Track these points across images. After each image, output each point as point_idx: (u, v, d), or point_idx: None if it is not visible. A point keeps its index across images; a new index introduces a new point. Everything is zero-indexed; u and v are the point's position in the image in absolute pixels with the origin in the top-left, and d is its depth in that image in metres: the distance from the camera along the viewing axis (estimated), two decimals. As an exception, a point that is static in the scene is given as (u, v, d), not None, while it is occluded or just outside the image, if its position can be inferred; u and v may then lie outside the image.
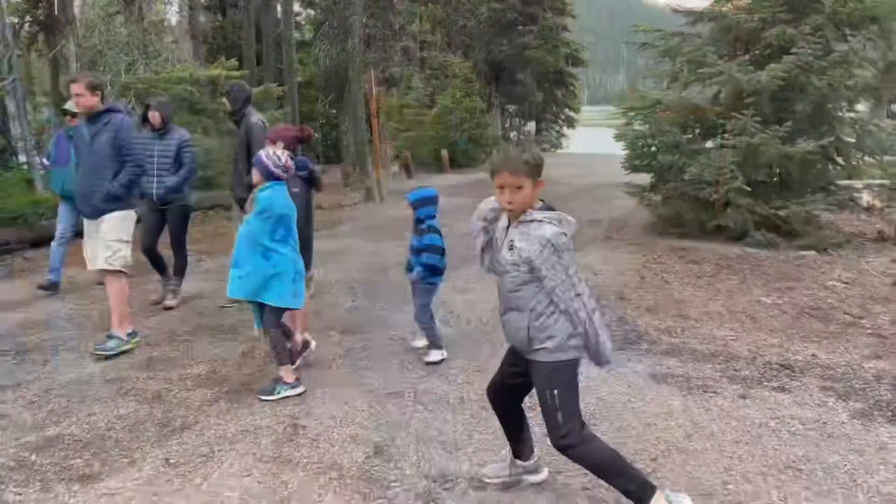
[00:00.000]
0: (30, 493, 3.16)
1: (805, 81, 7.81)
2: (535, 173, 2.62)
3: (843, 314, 5.53)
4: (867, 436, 3.48)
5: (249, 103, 5.99)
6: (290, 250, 4.18)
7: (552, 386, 2.64)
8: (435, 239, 4.64)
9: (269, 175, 4.14)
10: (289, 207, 4.18)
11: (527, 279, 2.64)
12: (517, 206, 2.62)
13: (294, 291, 4.18)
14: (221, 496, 3.07)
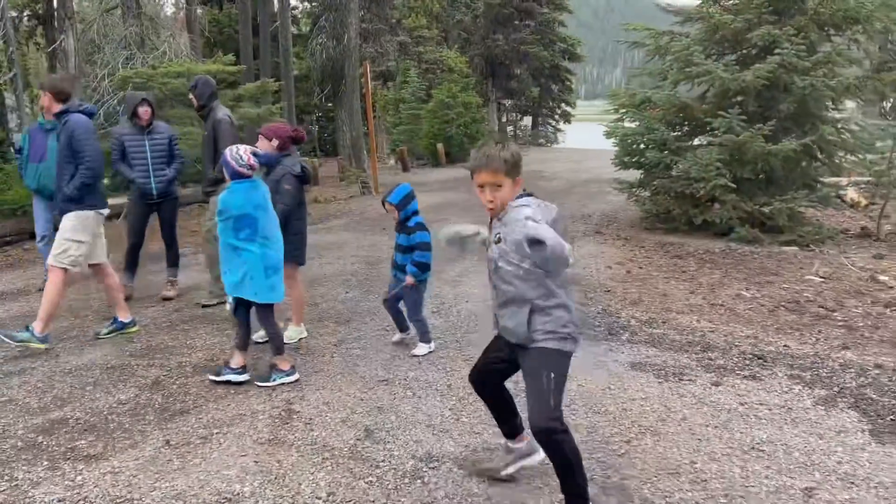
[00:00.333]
0: (38, 471, 3.34)
1: (788, 81, 8.01)
2: (514, 171, 2.65)
3: (818, 307, 5.74)
4: (828, 420, 3.69)
5: (216, 98, 5.99)
6: (259, 247, 4.22)
7: (551, 369, 2.63)
8: (425, 236, 4.69)
9: (234, 174, 4.19)
10: (249, 206, 4.20)
11: (521, 273, 2.63)
12: (497, 204, 2.65)
13: (270, 286, 4.26)
14: (219, 474, 3.27)
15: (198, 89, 5.92)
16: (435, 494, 3.05)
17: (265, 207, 4.30)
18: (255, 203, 4.23)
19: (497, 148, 2.67)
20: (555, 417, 2.62)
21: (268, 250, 4.27)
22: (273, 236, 4.34)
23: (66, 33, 9.79)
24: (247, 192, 4.21)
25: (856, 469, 3.18)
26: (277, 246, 4.37)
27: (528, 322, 2.65)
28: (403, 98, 24.80)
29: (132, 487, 3.17)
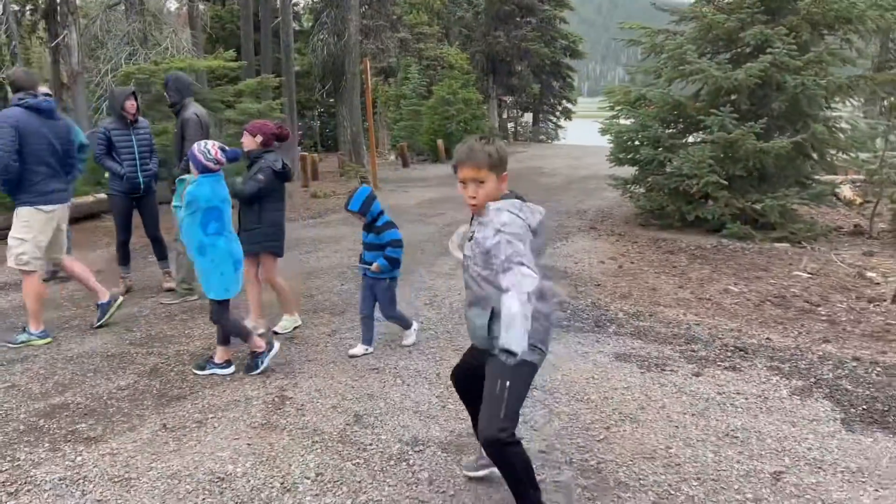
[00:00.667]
0: (39, 453, 3.48)
1: (780, 80, 8.12)
2: (498, 167, 2.55)
3: (803, 302, 5.86)
4: (803, 409, 3.81)
5: (188, 95, 6.05)
6: (226, 242, 4.25)
7: (507, 377, 2.51)
8: (395, 233, 4.72)
9: (202, 168, 4.20)
10: (217, 199, 4.21)
11: (486, 275, 2.51)
12: (480, 200, 2.54)
13: (237, 279, 4.34)
14: (213, 455, 3.40)
15: (169, 86, 6.00)
16: (419, 476, 3.18)
17: (228, 202, 4.34)
18: (221, 196, 4.26)
19: (481, 143, 2.57)
20: (504, 428, 2.50)
21: (234, 243, 4.34)
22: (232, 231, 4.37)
23: (70, 29, 9.91)
24: (213, 185, 4.23)
25: (824, 455, 3.31)
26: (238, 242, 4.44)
27: (489, 327, 2.54)
28: (404, 94, 24.90)
29: (129, 467, 3.30)
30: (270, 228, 5.02)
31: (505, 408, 2.50)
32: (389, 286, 4.80)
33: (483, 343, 2.62)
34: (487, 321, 2.54)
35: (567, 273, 7.00)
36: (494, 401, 2.52)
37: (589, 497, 2.99)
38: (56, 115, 5.15)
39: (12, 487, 3.15)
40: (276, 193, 5.06)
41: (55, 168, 5.08)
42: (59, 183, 5.14)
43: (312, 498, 3.02)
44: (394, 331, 5.24)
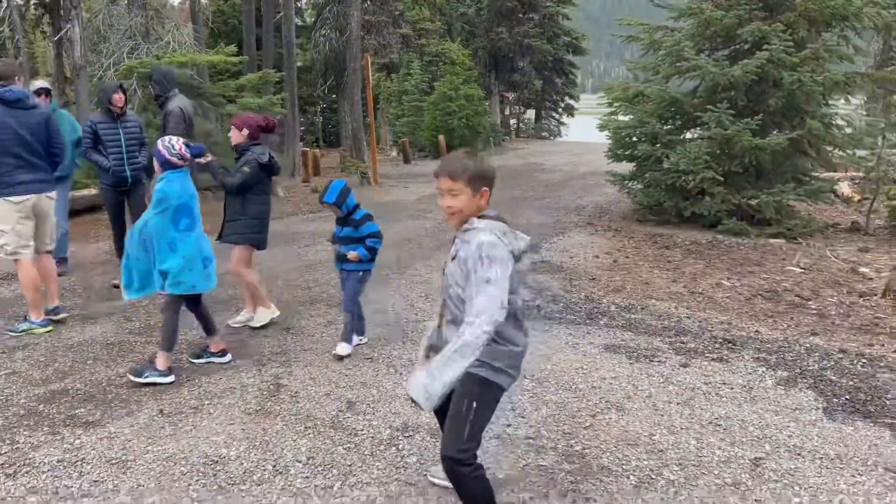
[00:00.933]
0: (39, 436, 3.57)
1: (777, 76, 8.17)
2: (474, 181, 2.44)
3: (794, 296, 5.93)
4: (787, 399, 3.89)
5: (174, 87, 6.04)
6: (196, 238, 4.22)
7: (473, 398, 2.46)
8: (374, 226, 4.66)
9: (165, 164, 4.16)
10: (187, 195, 4.17)
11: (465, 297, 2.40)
12: (454, 211, 2.46)
13: (207, 275, 4.29)
14: (208, 440, 3.49)
15: (153, 79, 6.03)
16: (407, 460, 3.27)
17: (198, 198, 4.31)
18: (191, 192, 4.22)
19: (462, 155, 2.53)
20: (464, 449, 2.43)
21: (204, 240, 4.30)
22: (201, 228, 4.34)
23: (73, 22, 9.99)
24: (183, 182, 4.19)
25: (804, 442, 3.38)
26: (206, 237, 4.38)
27: None
28: (406, 90, 24.95)
29: (126, 450, 3.39)
30: (253, 220, 5.04)
31: (469, 429, 2.45)
32: (362, 279, 4.71)
33: None
34: None
35: (562, 267, 7.07)
36: (459, 421, 2.46)
37: (572, 480, 3.07)
38: (26, 105, 5.09)
39: (11, 469, 3.24)
40: (261, 186, 5.07)
41: (25, 159, 5.04)
42: (31, 174, 5.10)
43: (303, 480, 3.10)
44: (390, 319, 5.32)
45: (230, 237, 5.05)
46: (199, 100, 11.09)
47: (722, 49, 9.51)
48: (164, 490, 3.04)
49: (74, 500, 2.97)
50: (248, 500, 2.96)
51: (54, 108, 6.32)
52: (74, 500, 2.98)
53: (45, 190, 5.22)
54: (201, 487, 3.06)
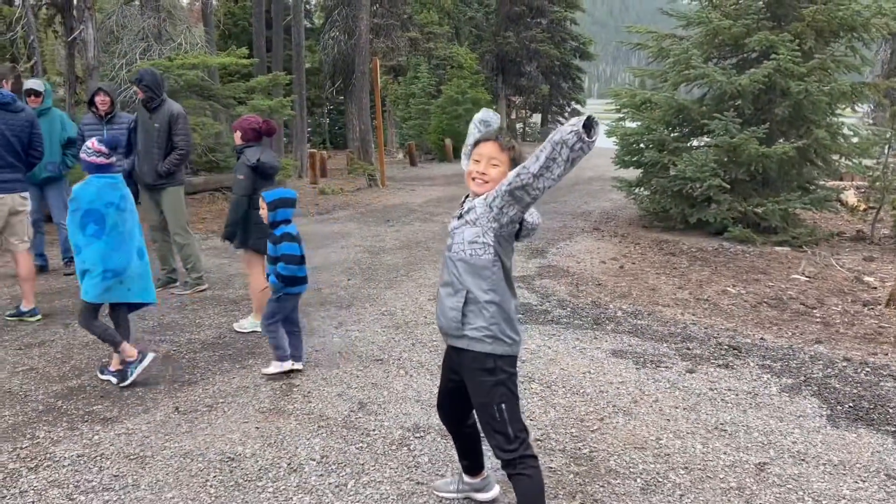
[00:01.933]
0: (58, 432, 3.65)
1: (784, 85, 8.23)
2: (514, 161, 2.46)
3: (799, 304, 5.99)
4: (791, 406, 3.95)
5: (164, 91, 6.08)
6: (102, 248, 4.08)
7: (496, 401, 2.47)
8: (292, 248, 4.29)
9: (89, 167, 4.11)
10: (100, 202, 4.07)
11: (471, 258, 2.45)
12: (487, 181, 2.47)
13: (105, 288, 4.13)
14: (223, 437, 3.57)
15: (145, 82, 5.97)
16: (419, 459, 3.34)
17: (122, 208, 4.19)
18: (106, 200, 4.10)
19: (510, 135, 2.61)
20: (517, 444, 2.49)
21: (112, 252, 4.12)
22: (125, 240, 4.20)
23: (86, 23, 10.09)
24: (101, 188, 4.11)
25: (808, 448, 3.44)
26: (127, 249, 4.21)
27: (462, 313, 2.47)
28: (413, 93, 25.08)
29: (144, 446, 3.47)
30: (253, 226, 5.06)
31: (510, 427, 2.48)
32: (280, 300, 4.37)
33: (451, 328, 2.51)
34: (461, 307, 2.46)
35: (569, 272, 7.14)
36: (497, 426, 2.48)
37: (580, 482, 3.14)
38: (13, 108, 5.30)
39: (32, 463, 3.33)
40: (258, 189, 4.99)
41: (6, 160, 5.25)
42: (11, 174, 5.30)
43: (317, 478, 3.18)
44: (400, 321, 5.40)
45: (238, 243, 5.15)
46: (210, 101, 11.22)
47: (730, 58, 9.59)
48: (182, 486, 3.12)
49: (96, 494, 3.05)
50: (264, 497, 3.03)
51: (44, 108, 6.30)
52: (96, 493, 3.06)
53: (20, 190, 5.45)
54: (218, 484, 3.14)
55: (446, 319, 2.53)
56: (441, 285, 2.60)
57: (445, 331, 2.58)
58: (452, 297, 2.49)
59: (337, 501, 3.00)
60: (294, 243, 4.29)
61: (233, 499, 3.02)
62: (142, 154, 6.17)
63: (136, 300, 4.36)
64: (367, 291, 6.40)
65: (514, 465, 2.49)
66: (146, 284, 4.37)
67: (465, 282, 2.47)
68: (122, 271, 4.18)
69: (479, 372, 2.49)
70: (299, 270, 4.31)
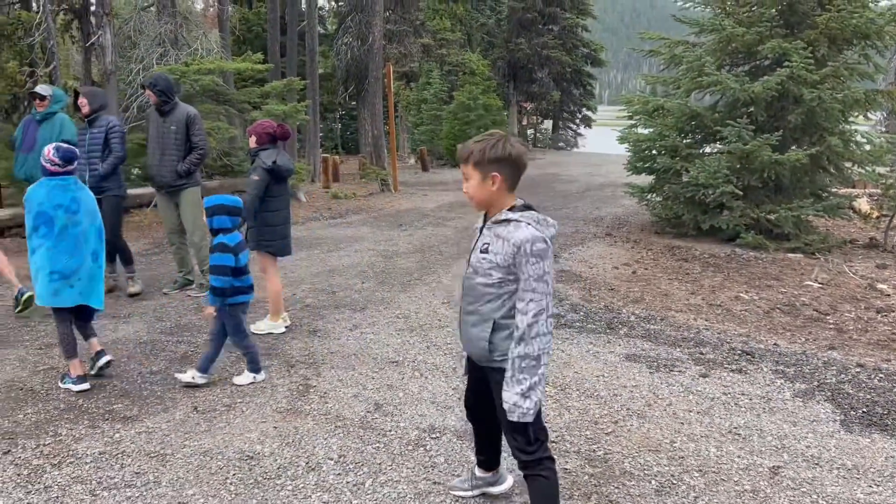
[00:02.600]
0: (80, 429, 3.72)
1: (797, 93, 8.25)
2: (483, 166, 2.42)
3: (812, 311, 5.99)
4: (805, 410, 3.96)
5: (179, 93, 6.21)
6: (51, 248, 4.11)
7: None
8: (223, 258, 4.18)
9: (44, 171, 4.17)
10: (49, 204, 4.10)
11: (494, 287, 2.46)
12: (469, 197, 2.52)
13: (53, 290, 4.14)
14: (242, 436, 3.62)
15: (160, 86, 6.04)
16: (435, 460, 3.38)
17: (72, 210, 4.18)
18: (55, 202, 4.12)
19: (480, 138, 2.50)
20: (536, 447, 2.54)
21: (61, 254, 4.13)
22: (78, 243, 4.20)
23: (104, 29, 10.24)
24: (51, 190, 4.14)
25: (822, 453, 3.46)
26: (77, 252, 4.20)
27: (489, 341, 2.49)
28: (425, 99, 25.19)
29: (164, 444, 3.53)
30: (264, 228, 5.17)
31: (531, 430, 2.52)
32: (230, 313, 4.30)
33: (481, 356, 2.55)
34: (489, 335, 2.48)
35: (582, 277, 7.17)
36: (517, 427, 2.50)
37: (595, 483, 3.17)
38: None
39: (55, 459, 3.39)
40: (273, 192, 5.17)
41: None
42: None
43: (335, 477, 3.23)
44: (414, 324, 5.45)
45: (249, 244, 5.22)
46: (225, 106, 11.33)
47: (743, 65, 9.60)
48: (202, 483, 3.18)
49: (118, 490, 3.11)
50: (283, 495, 3.08)
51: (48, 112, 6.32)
52: (118, 489, 3.12)
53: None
54: (238, 481, 3.19)
55: (475, 349, 2.57)
56: (465, 312, 2.60)
57: (475, 358, 2.63)
58: (480, 326, 2.52)
59: (355, 500, 3.04)
60: (227, 254, 4.19)
61: (252, 496, 3.07)
62: (157, 158, 6.22)
63: (81, 302, 4.27)
64: (381, 295, 6.45)
65: (533, 466, 2.55)
66: (94, 287, 4.31)
67: (491, 312, 2.49)
68: (72, 274, 4.17)
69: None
70: (235, 281, 4.22)
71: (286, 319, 5.45)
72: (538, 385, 2.42)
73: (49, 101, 6.42)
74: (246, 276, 4.34)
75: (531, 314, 2.37)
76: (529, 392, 2.41)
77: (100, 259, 4.37)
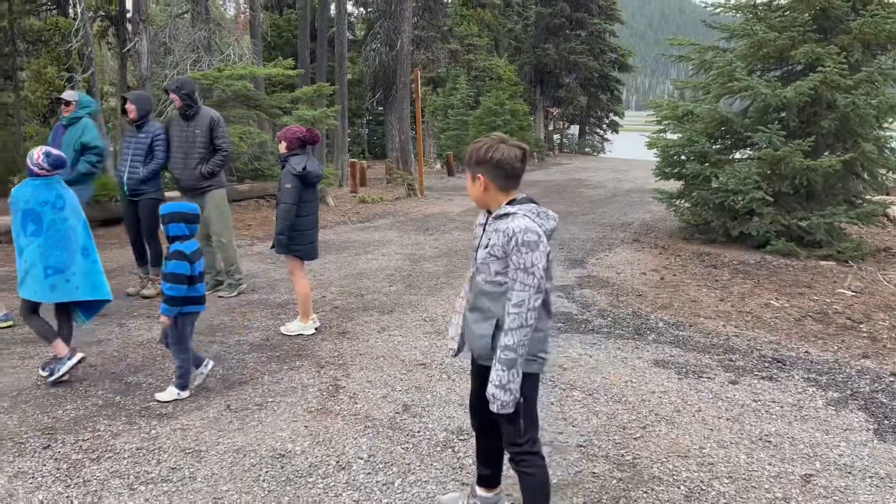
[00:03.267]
0: (118, 425, 3.82)
1: (831, 98, 8.15)
2: (472, 168, 2.51)
3: (845, 319, 5.91)
4: (837, 419, 3.92)
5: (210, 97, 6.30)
6: (42, 244, 4.21)
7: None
8: (178, 266, 4.10)
9: (29, 172, 4.28)
10: (35, 201, 4.21)
11: (496, 285, 2.49)
12: (475, 199, 2.58)
13: (50, 285, 4.24)
14: (274, 435, 3.69)
15: (185, 90, 6.17)
16: (463, 461, 3.41)
17: (59, 206, 4.30)
18: (41, 199, 4.24)
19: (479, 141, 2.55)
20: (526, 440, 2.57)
21: (52, 249, 4.25)
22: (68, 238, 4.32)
23: (140, 35, 10.48)
24: (36, 188, 4.26)
25: (854, 461, 3.42)
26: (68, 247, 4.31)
27: (492, 337, 2.50)
28: (452, 104, 25.28)
29: (199, 441, 3.61)
30: (293, 232, 5.23)
31: (522, 422, 2.54)
32: (177, 322, 4.20)
33: (483, 353, 2.57)
34: (492, 332, 2.50)
35: (609, 283, 7.16)
36: (511, 418, 2.53)
37: (623, 488, 3.17)
38: None
39: (94, 454, 3.48)
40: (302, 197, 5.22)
41: None
42: None
43: (365, 476, 3.27)
44: (441, 327, 5.48)
45: (276, 247, 5.30)
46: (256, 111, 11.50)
47: (774, 70, 9.50)
48: (236, 479, 3.24)
49: (155, 485, 3.19)
50: (314, 493, 3.13)
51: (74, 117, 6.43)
52: (155, 484, 3.20)
53: None
54: (270, 479, 3.25)
55: (477, 346, 2.59)
56: (469, 309, 2.63)
57: (476, 354, 2.66)
58: (483, 323, 2.54)
59: (385, 499, 3.09)
60: (183, 262, 4.11)
61: (285, 493, 3.13)
62: (181, 161, 6.32)
63: (86, 297, 4.39)
64: (408, 298, 6.50)
65: (520, 460, 2.59)
66: (95, 282, 4.42)
67: (494, 309, 2.50)
68: (65, 268, 4.28)
69: None
70: (189, 290, 4.15)
71: (315, 321, 5.53)
72: (516, 378, 2.41)
73: (75, 106, 6.58)
74: (199, 284, 4.25)
75: (511, 304, 2.40)
76: (508, 384, 2.41)
77: (92, 255, 4.49)
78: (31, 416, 3.91)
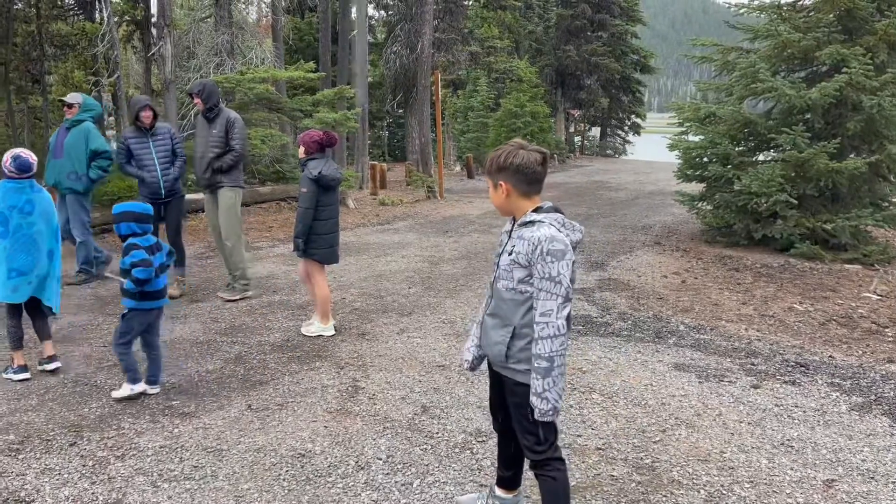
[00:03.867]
0: (142, 423, 3.88)
1: (856, 100, 8.04)
2: (493, 176, 2.52)
3: (871, 323, 5.83)
4: (861, 424, 3.87)
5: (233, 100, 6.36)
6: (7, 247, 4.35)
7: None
8: (138, 253, 4.10)
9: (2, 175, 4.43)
10: (3, 204, 4.35)
11: (517, 293, 2.49)
12: (497, 206, 2.59)
13: (12, 287, 4.38)
14: (294, 435, 3.72)
15: (206, 92, 6.25)
16: (482, 463, 3.42)
17: (27, 212, 4.41)
18: (9, 203, 4.37)
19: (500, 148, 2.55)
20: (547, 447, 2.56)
21: (17, 253, 4.38)
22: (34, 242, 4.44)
23: (165, 40, 10.62)
24: (6, 192, 4.38)
25: (878, 467, 3.38)
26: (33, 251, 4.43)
27: (507, 346, 2.51)
28: (472, 106, 25.29)
29: (221, 440, 3.66)
30: (312, 235, 5.26)
31: (542, 430, 2.53)
32: (128, 318, 4.24)
33: (498, 358, 2.57)
34: (507, 340, 2.51)
35: (630, 285, 7.12)
36: (529, 427, 2.53)
37: (643, 491, 3.16)
38: None
39: (119, 452, 3.55)
40: (321, 202, 5.26)
41: None
42: None
43: (384, 476, 3.29)
44: (460, 330, 5.50)
45: (294, 250, 5.35)
46: (278, 114, 11.60)
47: (798, 71, 9.39)
48: (257, 478, 3.28)
49: (178, 483, 3.24)
50: (334, 492, 3.16)
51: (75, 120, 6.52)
52: (178, 482, 3.25)
53: None
54: (291, 478, 3.29)
55: (493, 351, 2.59)
56: (487, 314, 2.64)
57: (491, 359, 2.66)
58: (500, 330, 2.54)
59: (403, 499, 3.11)
60: (139, 251, 4.09)
61: (304, 492, 3.16)
62: (198, 159, 6.42)
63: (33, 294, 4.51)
64: (427, 300, 6.52)
65: (542, 465, 2.58)
66: (49, 285, 4.55)
67: (513, 316, 2.51)
68: (29, 271, 4.44)
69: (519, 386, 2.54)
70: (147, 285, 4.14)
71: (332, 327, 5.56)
72: (553, 387, 2.40)
73: (77, 109, 6.68)
74: (158, 279, 4.23)
75: (538, 313, 2.40)
76: (544, 392, 2.40)
77: (55, 260, 4.61)
78: (58, 414, 3.99)
